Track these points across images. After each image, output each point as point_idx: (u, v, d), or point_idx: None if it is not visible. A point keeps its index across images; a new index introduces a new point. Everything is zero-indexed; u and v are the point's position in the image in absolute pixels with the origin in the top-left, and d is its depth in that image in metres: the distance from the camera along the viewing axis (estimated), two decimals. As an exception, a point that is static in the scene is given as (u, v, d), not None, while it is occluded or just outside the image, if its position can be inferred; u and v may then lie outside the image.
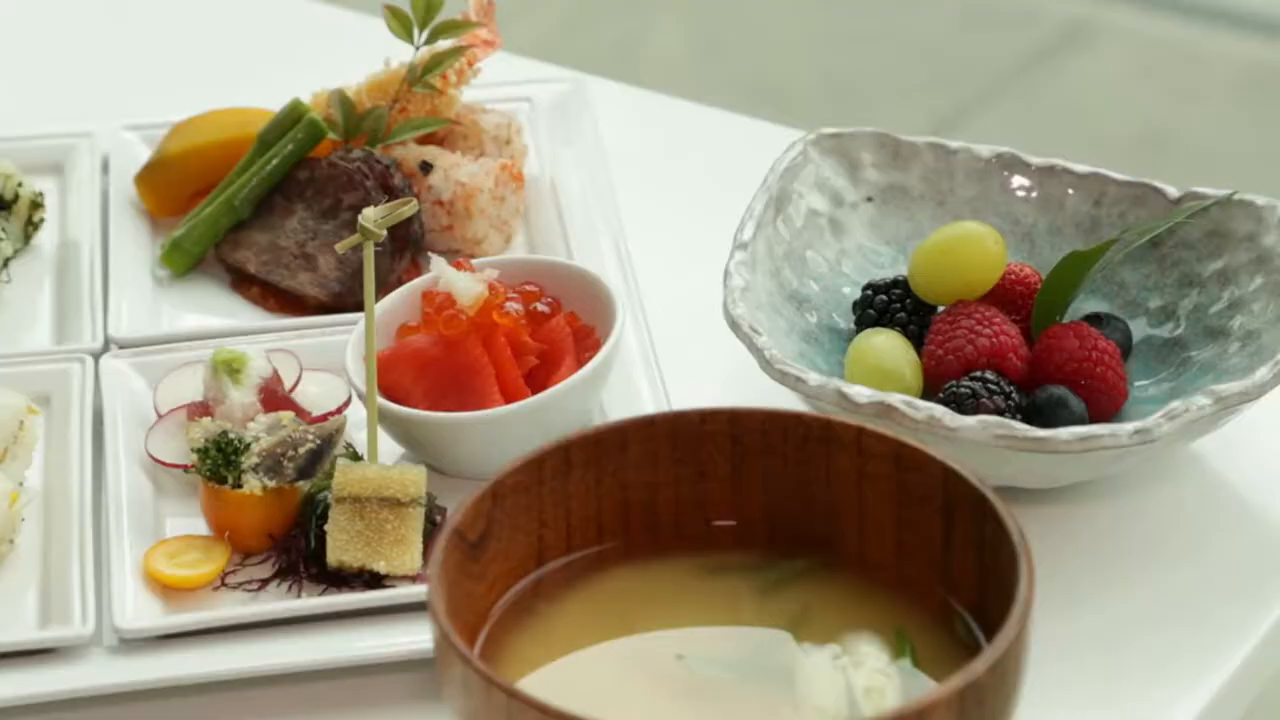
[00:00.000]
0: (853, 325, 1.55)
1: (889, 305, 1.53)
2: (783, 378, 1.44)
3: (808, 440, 1.26)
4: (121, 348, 1.59)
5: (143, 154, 1.76)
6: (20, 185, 1.70)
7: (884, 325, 1.52)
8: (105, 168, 1.76)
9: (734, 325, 1.49)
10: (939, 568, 1.23)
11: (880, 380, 1.46)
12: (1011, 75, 3.51)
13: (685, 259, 1.71)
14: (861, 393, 1.41)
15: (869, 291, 1.54)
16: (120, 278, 1.66)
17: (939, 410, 1.40)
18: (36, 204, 1.71)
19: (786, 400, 1.47)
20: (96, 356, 1.58)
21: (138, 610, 1.39)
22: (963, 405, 1.44)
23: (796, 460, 1.26)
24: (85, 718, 1.37)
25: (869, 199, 1.58)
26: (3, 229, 1.66)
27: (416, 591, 1.40)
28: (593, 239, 1.69)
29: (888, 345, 1.48)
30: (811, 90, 3.47)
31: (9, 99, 1.89)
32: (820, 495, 1.26)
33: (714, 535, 1.28)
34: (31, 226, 1.71)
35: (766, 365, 1.45)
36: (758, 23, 3.61)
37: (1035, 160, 1.60)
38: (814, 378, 1.43)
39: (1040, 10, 3.64)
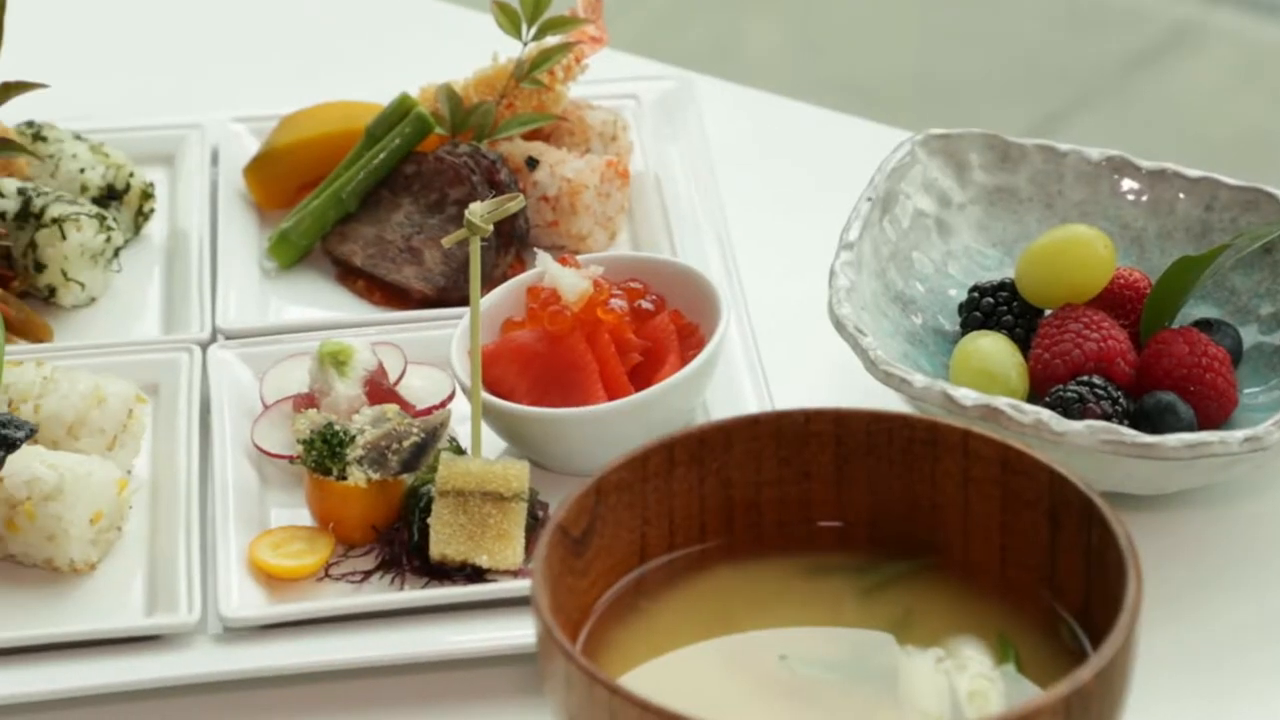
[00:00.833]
0: (958, 327, 1.55)
1: (995, 308, 1.52)
2: (887, 379, 1.44)
3: (913, 442, 1.25)
4: (229, 338, 1.61)
5: (251, 146, 1.77)
6: (131, 176, 1.72)
7: (990, 328, 1.52)
8: (215, 159, 1.78)
9: (839, 325, 1.48)
10: (1044, 572, 1.22)
11: (986, 383, 1.45)
12: (1114, 77, 3.49)
13: (788, 257, 1.71)
14: (967, 395, 1.41)
15: (975, 293, 1.53)
16: (228, 269, 1.67)
17: (1046, 414, 1.39)
18: (147, 194, 1.73)
19: (889, 401, 1.46)
20: (204, 347, 1.59)
21: (242, 599, 1.40)
22: (1069, 410, 1.43)
23: (901, 462, 1.26)
24: (188, 705, 1.38)
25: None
26: (114, 219, 1.67)
27: (518, 586, 1.40)
28: (697, 236, 1.69)
29: (994, 348, 1.48)
30: (908, 90, 3.46)
31: (121, 90, 1.91)
32: (925, 498, 1.26)
33: (817, 536, 1.28)
34: (142, 217, 1.73)
35: (871, 366, 1.45)
36: (855, 21, 3.59)
37: (1146, 164, 1.59)
38: (919, 379, 1.42)
39: (1145, 11, 3.61)
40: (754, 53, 3.54)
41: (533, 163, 1.70)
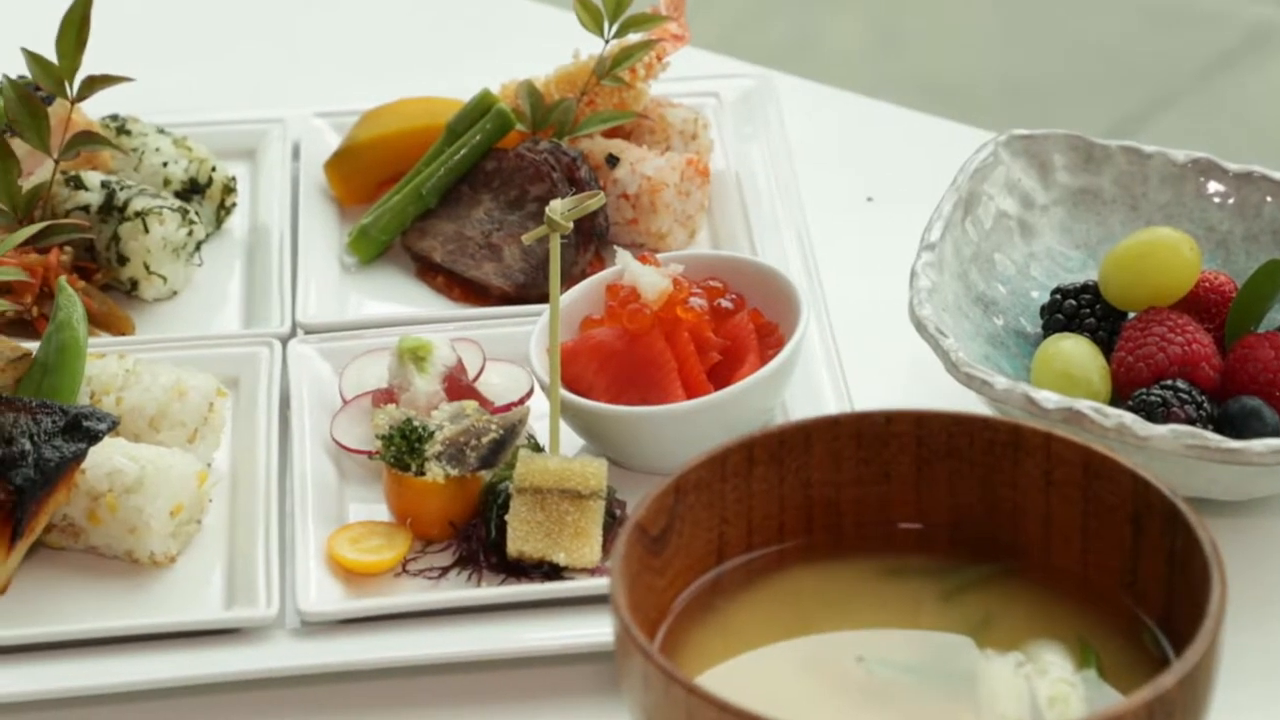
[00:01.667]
0: (1040, 330, 1.54)
1: (1078, 310, 1.51)
2: (969, 381, 1.43)
3: (994, 445, 1.25)
4: (308, 333, 1.61)
5: (333, 141, 1.78)
6: (214, 170, 1.72)
7: (1072, 330, 1.51)
8: (296, 154, 1.78)
9: (920, 326, 1.48)
10: (1126, 577, 1.21)
11: (1068, 386, 1.44)
12: (1193, 78, 3.46)
13: (868, 257, 1.70)
14: (1049, 398, 1.40)
15: (1058, 296, 1.52)
16: (308, 263, 1.67)
17: (1129, 418, 1.38)
18: (229, 189, 1.73)
19: (969, 403, 1.46)
20: (284, 341, 1.59)
21: (321, 594, 1.41)
22: (1153, 414, 1.42)
23: (983, 464, 1.25)
24: (265, 698, 1.38)
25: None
26: (196, 213, 1.68)
27: (596, 584, 1.40)
28: (777, 235, 1.68)
29: (1076, 350, 1.47)
30: (986, 89, 3.44)
31: (204, 85, 1.92)
32: (1006, 500, 1.25)
33: (896, 537, 1.27)
34: (224, 211, 1.74)
35: (952, 368, 1.44)
36: (934, 20, 3.58)
37: (1232, 166, 1.57)
38: (1001, 381, 1.42)
39: (1225, 12, 3.58)
40: (833, 50, 3.53)
41: (613, 160, 1.70)
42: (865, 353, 1.59)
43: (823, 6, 3.62)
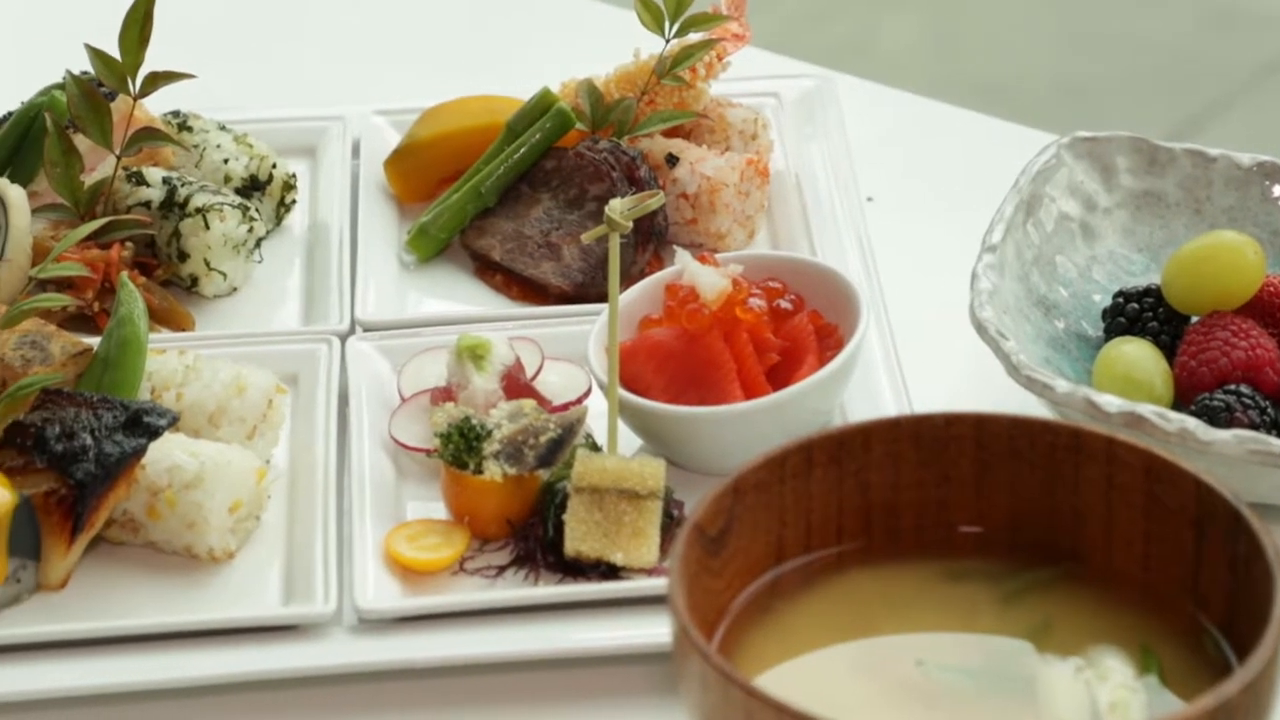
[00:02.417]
0: (1101, 333, 1.53)
1: (1140, 314, 1.50)
2: (1029, 384, 1.42)
3: (1055, 448, 1.24)
4: (367, 330, 1.61)
5: (392, 139, 1.78)
6: (274, 167, 1.73)
7: (1135, 334, 1.50)
8: (355, 152, 1.79)
9: (980, 329, 1.47)
10: (1188, 583, 1.21)
11: (1130, 390, 1.43)
12: (1253, 81, 3.44)
13: (928, 258, 1.70)
14: (1111, 402, 1.39)
15: (1120, 299, 1.52)
16: (368, 261, 1.68)
17: (1191, 423, 1.37)
18: (289, 186, 1.74)
19: (1028, 405, 1.45)
20: (343, 338, 1.60)
21: (378, 591, 1.41)
22: (1216, 419, 1.41)
23: (1044, 468, 1.24)
24: (322, 695, 1.38)
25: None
26: (256, 209, 1.69)
27: (654, 585, 1.40)
28: (836, 236, 1.68)
29: (1138, 354, 1.46)
30: (1044, 90, 3.42)
31: (265, 82, 1.93)
32: (1066, 504, 1.24)
33: (956, 540, 1.27)
34: (283, 208, 1.74)
35: (1013, 370, 1.43)
36: (991, 20, 3.57)
37: (1298, 169, 1.57)
38: (1062, 385, 1.41)
39: (1283, 14, 3.56)
40: (890, 50, 3.52)
41: (673, 160, 1.69)
42: (924, 355, 1.58)
43: (879, 6, 3.61)
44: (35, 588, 1.42)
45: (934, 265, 1.68)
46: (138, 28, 1.61)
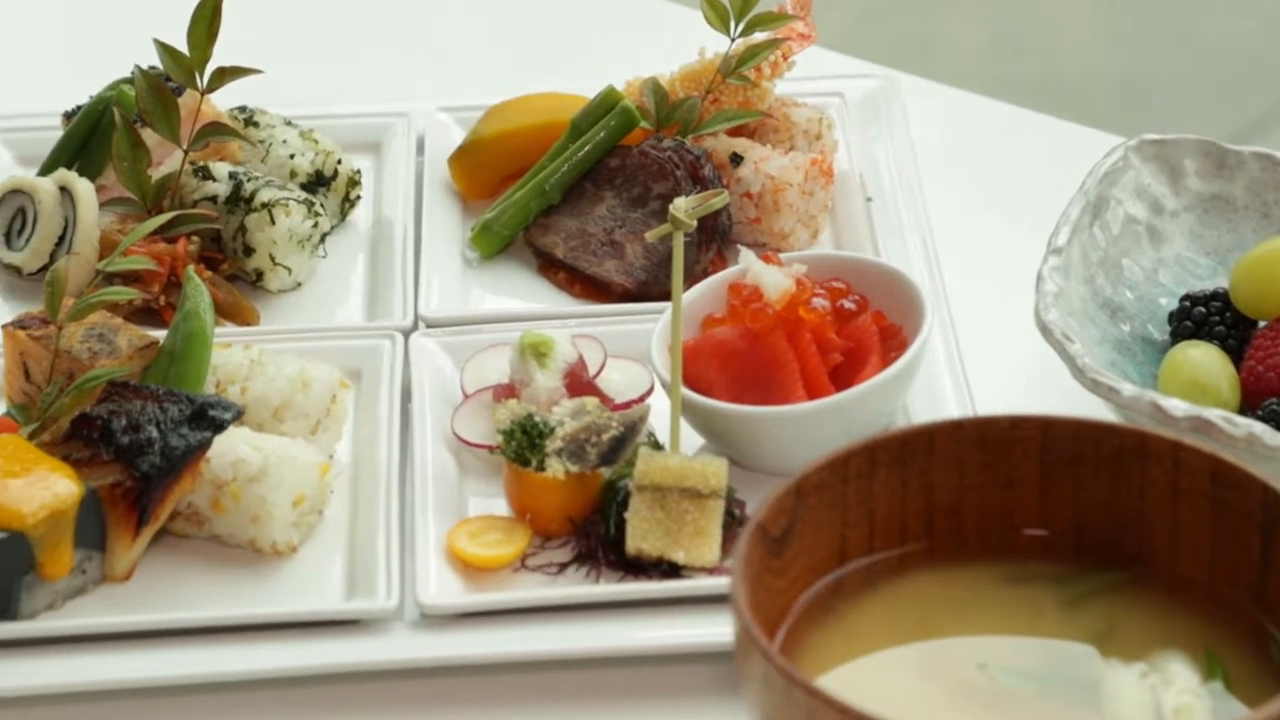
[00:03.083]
0: (1167, 337, 1.52)
1: (1207, 318, 1.49)
2: (1095, 387, 1.42)
3: (1121, 452, 1.23)
4: (430, 326, 1.62)
5: (457, 136, 1.78)
6: (339, 163, 1.73)
7: (1201, 338, 1.49)
8: (420, 148, 1.79)
9: (1045, 331, 1.47)
10: (1254, 588, 1.20)
11: (1196, 394, 1.42)
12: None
13: (991, 259, 1.69)
14: (1177, 406, 1.38)
15: (1187, 303, 1.51)
16: (431, 257, 1.68)
17: (1259, 428, 1.36)
18: (354, 181, 1.74)
19: (1092, 409, 1.44)
20: (406, 334, 1.60)
21: (440, 587, 1.41)
22: (1283, 424, 1.40)
23: (1109, 472, 1.24)
24: (383, 690, 1.39)
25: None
26: (321, 205, 1.69)
27: (715, 584, 1.40)
28: (900, 237, 1.67)
29: (1205, 359, 1.45)
30: (1106, 91, 3.41)
31: (330, 78, 1.93)
32: (1132, 509, 1.24)
33: (1019, 543, 1.26)
34: (348, 203, 1.75)
35: (1079, 374, 1.43)
36: (1051, 21, 3.55)
37: (1369, 174, 1.56)
38: (1128, 389, 1.40)
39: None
40: (951, 50, 3.51)
41: (737, 159, 1.69)
42: (987, 357, 1.58)
43: (940, 6, 3.60)
44: (100, 579, 1.43)
45: (997, 267, 1.68)
46: (206, 23, 1.62)
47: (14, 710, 1.37)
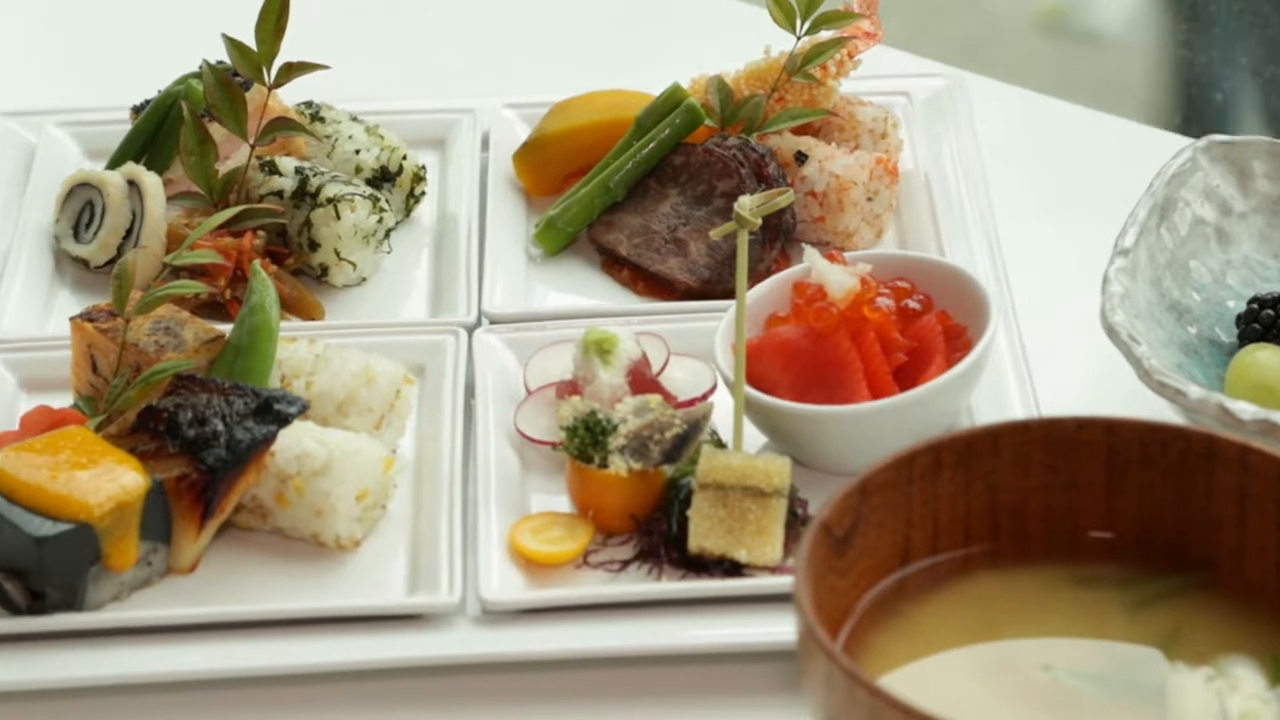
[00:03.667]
0: (1235, 339, 1.51)
1: (1275, 320, 1.48)
2: (1161, 389, 1.41)
3: (1188, 455, 1.23)
4: (494, 322, 1.62)
5: (522, 132, 1.79)
6: (405, 158, 1.74)
7: (1269, 340, 1.48)
8: (485, 144, 1.79)
9: (1111, 332, 1.46)
10: (1322, 594, 1.19)
11: (1264, 397, 1.42)
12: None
13: (1056, 260, 1.69)
14: (1245, 409, 1.37)
15: (1255, 305, 1.50)
16: (495, 254, 1.68)
17: (1327, 432, 1.35)
18: (419, 177, 1.75)
19: (1157, 411, 1.44)
20: (470, 330, 1.60)
21: (503, 583, 1.42)
22: (1351, 428, 1.39)
23: (1176, 475, 1.23)
24: (443, 684, 1.39)
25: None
26: (386, 200, 1.70)
27: (777, 583, 1.40)
28: (965, 237, 1.67)
29: (1273, 361, 1.44)
30: (1161, 92, 3.39)
31: (396, 73, 1.94)
32: (1198, 512, 1.23)
33: (1084, 546, 1.26)
34: (413, 199, 1.75)
35: (1145, 376, 1.42)
36: (1109, 20, 3.53)
37: None
38: (1195, 391, 1.39)
39: None
40: (1013, 49, 3.50)
41: (802, 157, 1.69)
42: (1052, 357, 1.57)
43: (1003, 4, 3.58)
44: (165, 571, 1.44)
45: (1062, 267, 1.67)
46: (274, 18, 1.63)
47: (79, 700, 1.38)
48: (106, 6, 2.05)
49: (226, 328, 1.53)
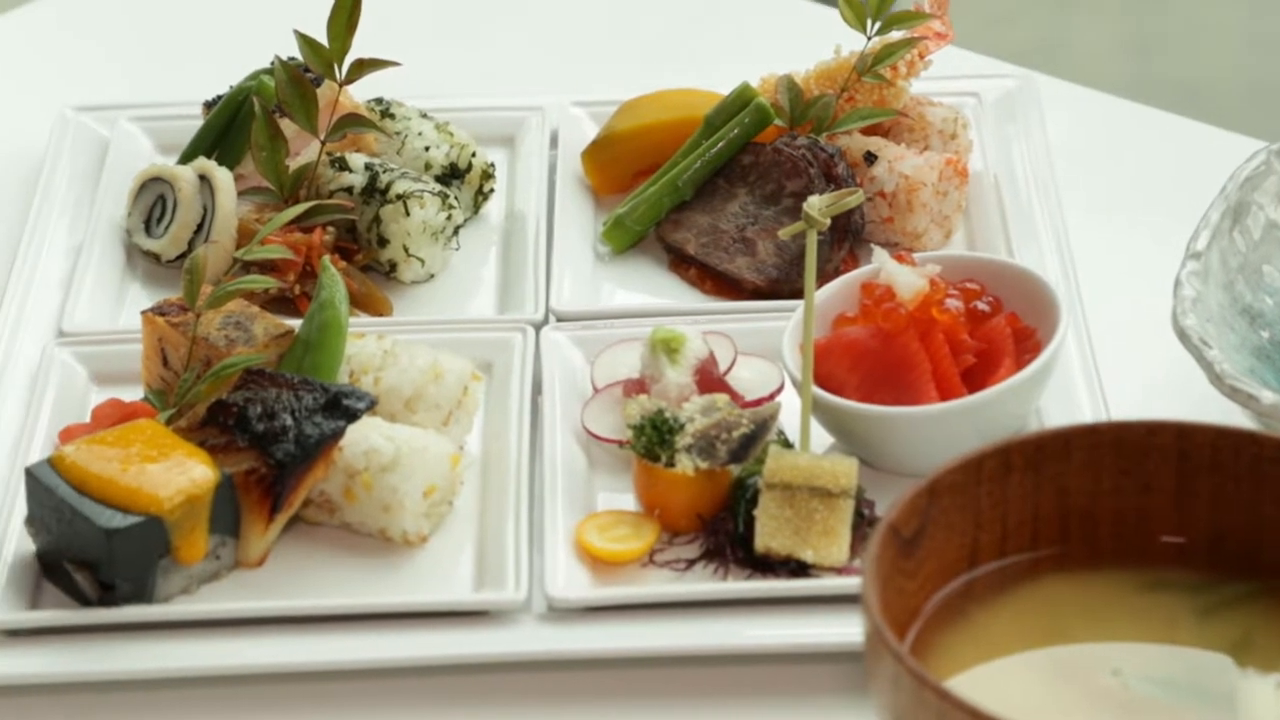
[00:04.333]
0: (1308, 344, 1.50)
1: (1349, 325, 1.47)
2: (1233, 394, 1.40)
3: (1260, 460, 1.22)
4: (561, 320, 1.62)
5: (590, 130, 1.79)
6: (474, 155, 1.74)
7: (1342, 346, 1.47)
8: (554, 142, 1.79)
9: (1183, 336, 1.45)
10: (1394, 602, 1.18)
11: (1337, 403, 1.40)
12: None
13: (1126, 263, 1.68)
14: (1318, 415, 1.37)
15: (1328, 310, 1.49)
16: (563, 251, 1.68)
17: (1401, 438, 1.34)
18: (488, 174, 1.75)
19: (1229, 415, 1.43)
20: (538, 327, 1.61)
21: (569, 580, 1.42)
22: None
23: (1248, 480, 1.22)
24: (508, 681, 1.39)
25: None
26: (455, 197, 1.70)
27: (844, 584, 1.39)
28: (1035, 239, 1.66)
29: (1346, 367, 1.43)
30: (1238, 93, 3.37)
31: (466, 71, 1.94)
32: (1271, 518, 1.22)
33: (1154, 550, 1.25)
34: (481, 196, 1.75)
35: (1216, 380, 1.41)
36: (1183, 22, 3.51)
37: None
38: (1268, 396, 1.38)
39: None
40: (1082, 51, 3.49)
41: (871, 158, 1.69)
42: (1122, 360, 1.56)
43: (1070, 5, 3.57)
44: (234, 564, 1.44)
45: (1132, 270, 1.66)
46: (346, 14, 1.63)
47: (147, 692, 1.39)
48: (180, 2, 2.06)
49: (296, 323, 1.53)
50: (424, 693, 1.39)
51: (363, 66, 1.65)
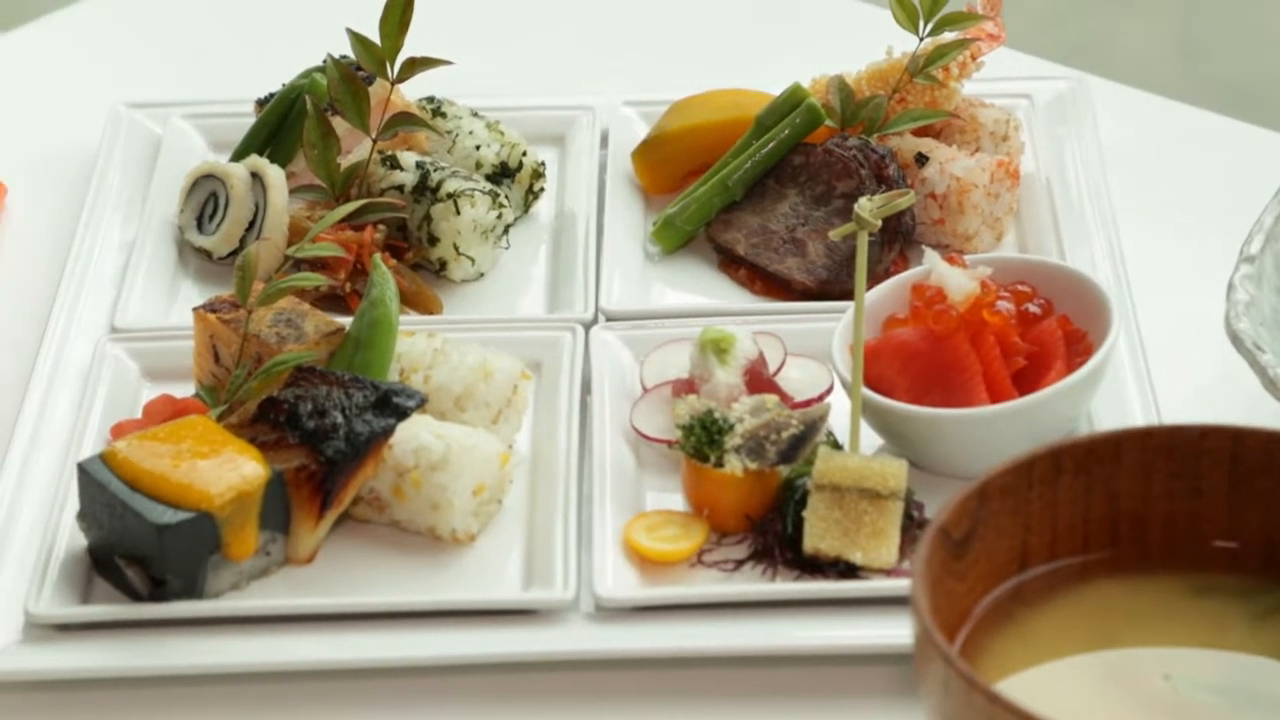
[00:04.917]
0: (1361, 349, 1.49)
1: (1403, 330, 1.46)
2: (1286, 398, 1.39)
3: (1314, 465, 1.21)
4: (611, 320, 1.62)
5: (640, 130, 1.79)
6: (524, 155, 1.74)
7: (1396, 351, 1.46)
8: (604, 141, 1.79)
9: (1236, 340, 1.44)
10: None
11: (1391, 408, 1.40)
12: None
13: (1178, 266, 1.67)
14: (1372, 420, 1.36)
15: (1382, 315, 1.48)
16: (613, 251, 1.69)
17: None
18: (538, 173, 1.75)
19: (1279, 419, 1.42)
20: (587, 327, 1.61)
21: (617, 580, 1.42)
22: None
23: (1302, 485, 1.22)
24: (555, 680, 1.39)
25: None
26: (505, 196, 1.70)
27: (893, 585, 1.39)
28: (1087, 241, 1.66)
29: (1401, 372, 1.42)
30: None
31: (516, 70, 1.94)
32: (1325, 523, 1.22)
33: (1207, 555, 1.24)
34: (532, 195, 1.75)
35: (1270, 385, 1.41)
36: (1233, 23, 3.50)
37: None
38: (1321, 401, 1.38)
39: None
40: (1131, 52, 3.47)
41: (922, 159, 1.68)
42: (1172, 364, 1.56)
43: (1119, 7, 3.56)
44: (283, 561, 1.45)
45: (1185, 273, 1.65)
46: (398, 13, 1.64)
47: (196, 687, 1.40)
48: (233, 1, 2.07)
49: (346, 320, 1.54)
50: (471, 691, 1.39)
51: (414, 65, 1.65)
